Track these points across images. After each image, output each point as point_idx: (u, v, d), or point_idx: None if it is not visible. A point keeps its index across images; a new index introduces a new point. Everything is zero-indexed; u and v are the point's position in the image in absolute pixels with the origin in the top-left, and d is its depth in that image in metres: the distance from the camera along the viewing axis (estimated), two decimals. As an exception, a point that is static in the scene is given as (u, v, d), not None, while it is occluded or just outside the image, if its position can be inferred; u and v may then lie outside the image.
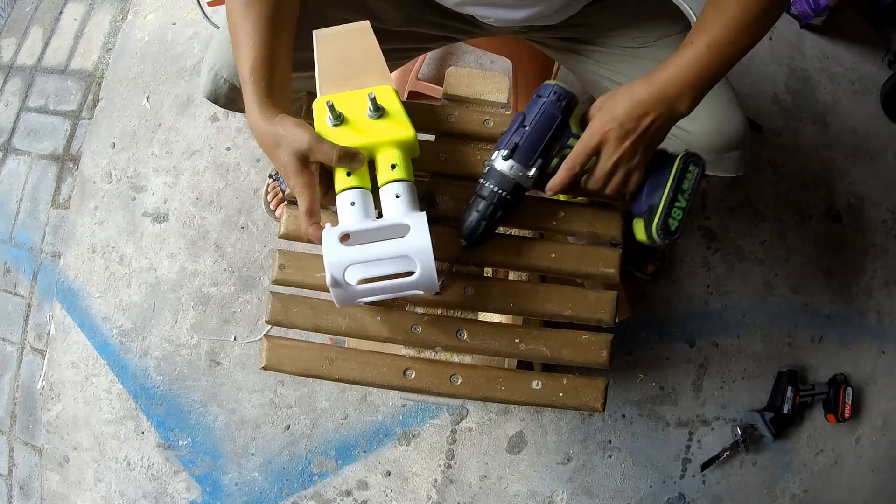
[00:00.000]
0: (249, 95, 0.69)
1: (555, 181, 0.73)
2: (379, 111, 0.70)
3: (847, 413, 1.43)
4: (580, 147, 0.71)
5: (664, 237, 0.73)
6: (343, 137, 0.69)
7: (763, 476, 1.44)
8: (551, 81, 0.73)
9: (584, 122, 0.73)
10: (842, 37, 1.70)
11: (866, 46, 1.70)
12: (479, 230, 0.74)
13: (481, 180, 0.74)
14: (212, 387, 1.43)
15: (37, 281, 1.54)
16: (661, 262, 1.48)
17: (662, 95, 0.69)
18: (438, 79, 1.57)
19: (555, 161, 0.74)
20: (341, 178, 0.69)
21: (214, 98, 0.88)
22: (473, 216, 0.73)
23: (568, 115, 0.73)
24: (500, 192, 0.72)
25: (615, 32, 0.91)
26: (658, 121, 0.70)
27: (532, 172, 0.72)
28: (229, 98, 0.88)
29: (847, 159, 1.62)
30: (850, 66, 1.69)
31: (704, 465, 1.41)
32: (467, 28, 0.94)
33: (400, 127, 0.70)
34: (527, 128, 0.72)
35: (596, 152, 0.71)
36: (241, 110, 0.97)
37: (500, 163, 0.72)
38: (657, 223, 0.73)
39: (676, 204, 0.73)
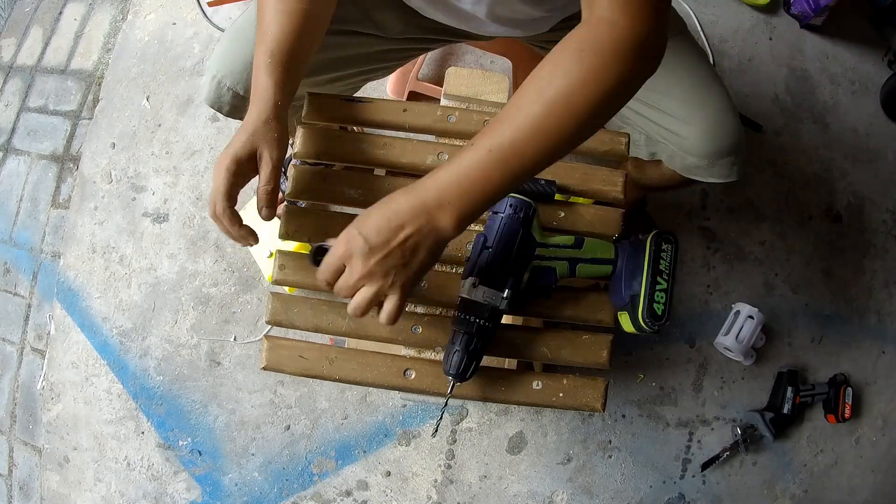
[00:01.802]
0: (262, 78, 0.69)
1: (320, 279, 0.63)
2: None
3: (847, 413, 1.43)
4: (328, 258, 0.62)
5: (652, 324, 0.71)
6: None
7: (763, 476, 1.44)
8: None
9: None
10: (842, 37, 1.70)
11: (866, 46, 1.70)
12: (467, 368, 0.70)
13: (456, 313, 0.71)
14: (212, 387, 1.43)
15: (37, 281, 1.54)
16: None
17: (422, 206, 0.58)
18: (438, 79, 1.57)
19: (526, 275, 0.71)
20: None
21: (217, 106, 0.87)
22: (457, 355, 0.70)
23: (529, 224, 0.70)
24: (478, 321, 0.69)
25: None
26: (414, 237, 0.58)
27: (506, 293, 0.69)
28: (233, 106, 0.87)
29: (847, 159, 1.62)
30: (850, 66, 1.69)
31: (704, 466, 1.42)
32: (463, 32, 0.94)
33: None
34: (490, 249, 0.68)
35: (343, 264, 0.61)
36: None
37: (473, 291, 0.69)
38: (642, 312, 0.71)
39: (658, 287, 0.71)
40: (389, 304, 0.62)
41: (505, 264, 0.69)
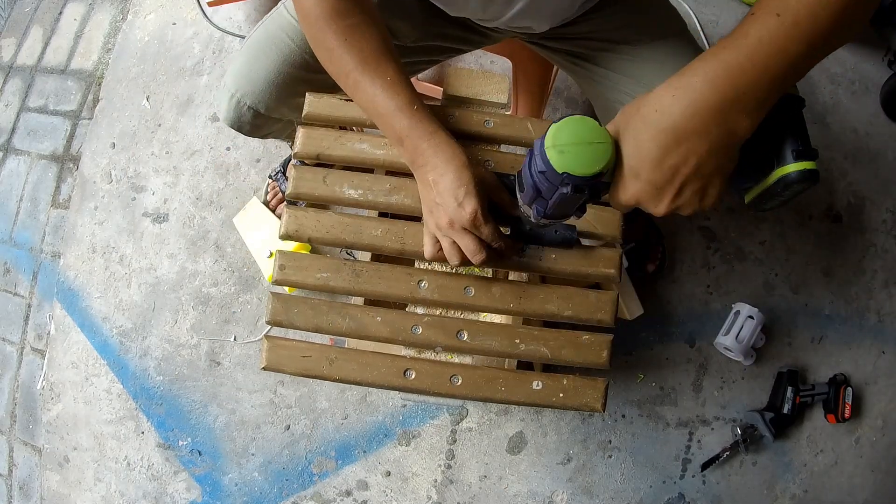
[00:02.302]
0: (422, 123, 0.68)
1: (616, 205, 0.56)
2: None
3: (847, 413, 1.43)
4: (616, 206, 0.55)
5: (754, 210, 0.64)
6: None
7: (763, 476, 1.44)
8: (553, 158, 0.51)
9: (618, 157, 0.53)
10: (842, 37, 1.70)
11: (866, 46, 1.70)
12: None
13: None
14: (212, 387, 1.43)
15: (37, 281, 1.54)
16: (661, 262, 1.49)
17: (710, 109, 0.46)
18: (438, 79, 1.57)
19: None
20: None
21: (238, 126, 0.87)
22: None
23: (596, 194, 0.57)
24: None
25: (608, 48, 0.89)
26: (708, 149, 0.47)
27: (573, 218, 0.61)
28: (254, 125, 0.87)
29: (847, 159, 1.62)
30: (850, 66, 1.69)
31: (704, 465, 1.42)
32: (475, 37, 0.95)
33: None
34: (547, 203, 0.56)
35: (638, 206, 0.54)
36: (266, 136, 0.96)
37: (526, 210, 0.62)
38: (750, 200, 0.62)
39: (775, 198, 0.62)
40: (711, 195, 0.51)
41: (565, 214, 0.59)
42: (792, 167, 0.57)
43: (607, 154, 0.51)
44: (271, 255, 1.41)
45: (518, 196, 0.61)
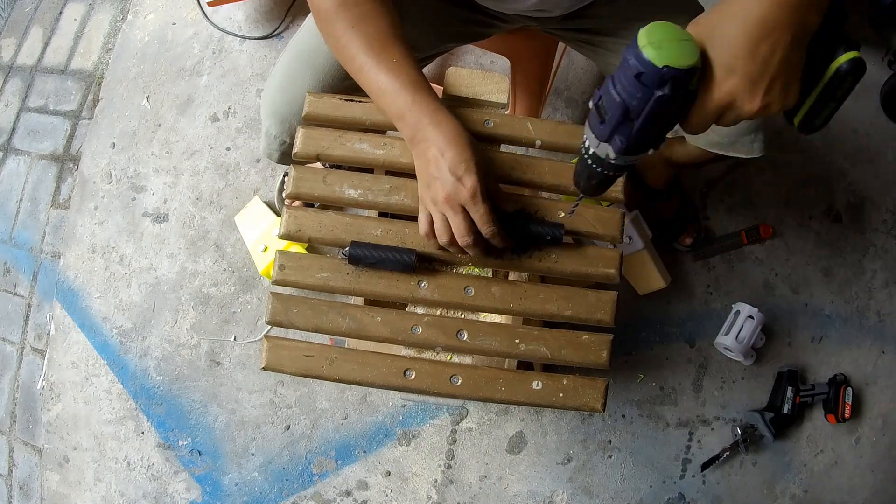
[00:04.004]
0: (427, 105, 0.69)
1: (694, 131, 0.58)
2: None
3: (847, 413, 1.43)
4: (701, 118, 0.56)
5: (802, 131, 0.63)
6: None
7: (763, 476, 1.44)
8: (650, 54, 0.50)
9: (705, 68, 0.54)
10: (842, 37, 1.70)
11: (866, 46, 1.70)
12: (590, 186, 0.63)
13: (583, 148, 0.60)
14: (212, 387, 1.43)
15: (37, 281, 1.54)
16: (698, 234, 1.49)
17: (789, 4, 0.50)
18: (438, 79, 1.57)
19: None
20: None
21: (269, 155, 0.92)
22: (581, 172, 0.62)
23: (690, 99, 0.56)
24: (600, 170, 0.60)
25: (623, 25, 0.91)
26: (791, 39, 0.51)
27: (636, 158, 0.58)
28: (282, 153, 0.91)
29: (847, 159, 1.62)
30: (850, 66, 1.68)
31: (704, 466, 1.42)
32: (484, 30, 0.96)
33: None
34: (636, 123, 0.54)
35: (725, 111, 0.55)
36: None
37: (603, 149, 0.58)
38: (801, 117, 0.61)
39: (828, 104, 0.60)
40: (793, 93, 0.55)
41: (655, 139, 0.57)
42: (841, 59, 0.57)
43: (697, 51, 0.52)
44: (266, 249, 1.41)
45: (591, 138, 0.58)
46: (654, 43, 0.50)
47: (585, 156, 0.60)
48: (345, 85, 0.83)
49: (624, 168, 0.59)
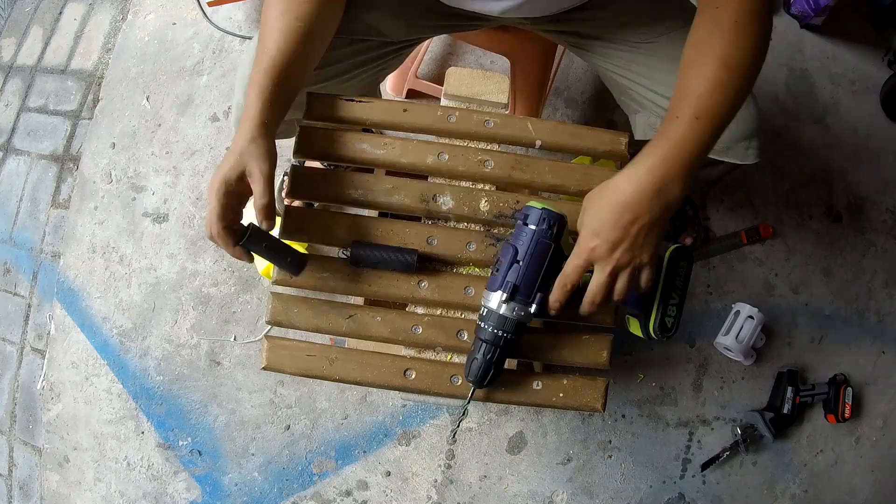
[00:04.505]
0: (253, 98, 0.69)
1: (554, 300, 0.69)
2: None
3: (847, 413, 1.43)
4: (571, 269, 0.67)
5: (661, 336, 0.73)
6: None
7: (763, 476, 1.44)
8: (535, 204, 0.70)
9: (574, 236, 0.69)
10: (842, 37, 1.70)
11: (866, 46, 1.70)
12: (487, 375, 0.71)
13: (480, 322, 0.71)
14: (212, 387, 1.43)
15: (37, 281, 1.54)
16: (698, 234, 1.49)
17: (652, 188, 0.63)
18: (438, 78, 1.57)
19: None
20: None
21: None
22: (479, 362, 0.71)
23: (559, 238, 0.70)
24: (504, 334, 0.69)
25: (615, 29, 0.91)
26: (650, 217, 0.64)
27: (533, 308, 0.69)
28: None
29: (847, 159, 1.62)
30: (850, 66, 1.69)
31: (704, 465, 1.42)
32: (466, 23, 0.95)
33: None
34: (521, 263, 0.68)
35: (588, 270, 0.67)
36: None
37: (500, 306, 0.69)
38: (654, 323, 0.72)
39: (671, 302, 0.72)
40: (646, 275, 0.67)
41: (535, 279, 0.69)
42: (667, 252, 0.73)
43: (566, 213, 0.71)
44: None
45: (485, 296, 0.71)
46: (537, 202, 0.70)
47: (479, 321, 0.71)
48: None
49: (515, 324, 0.69)
